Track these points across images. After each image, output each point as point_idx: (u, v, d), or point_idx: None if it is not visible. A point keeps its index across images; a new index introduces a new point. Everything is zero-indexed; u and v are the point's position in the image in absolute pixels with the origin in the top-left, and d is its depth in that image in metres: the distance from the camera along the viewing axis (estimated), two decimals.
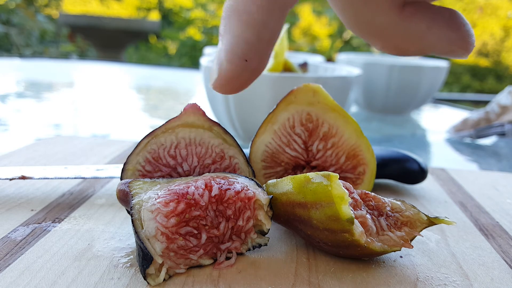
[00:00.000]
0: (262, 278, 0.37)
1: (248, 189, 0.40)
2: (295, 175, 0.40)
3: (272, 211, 0.41)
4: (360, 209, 0.40)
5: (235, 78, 0.34)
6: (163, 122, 0.47)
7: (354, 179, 0.51)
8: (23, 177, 0.51)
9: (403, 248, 0.41)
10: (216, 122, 0.46)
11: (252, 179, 0.42)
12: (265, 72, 0.83)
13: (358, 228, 0.37)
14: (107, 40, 5.50)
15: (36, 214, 0.47)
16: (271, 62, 0.86)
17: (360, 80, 1.26)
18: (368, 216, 0.39)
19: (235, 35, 0.32)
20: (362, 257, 0.40)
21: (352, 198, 0.40)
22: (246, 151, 0.54)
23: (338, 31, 6.47)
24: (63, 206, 0.49)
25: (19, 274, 0.35)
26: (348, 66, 1.05)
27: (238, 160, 0.46)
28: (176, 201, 0.37)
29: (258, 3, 0.32)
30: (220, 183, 0.40)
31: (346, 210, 0.36)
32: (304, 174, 0.39)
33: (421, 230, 0.40)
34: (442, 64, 1.27)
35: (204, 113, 0.46)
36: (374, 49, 6.64)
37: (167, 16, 7.78)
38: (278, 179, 0.41)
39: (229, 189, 0.39)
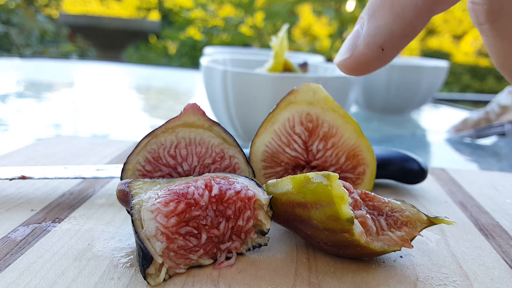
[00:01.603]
0: (262, 278, 0.37)
1: (248, 189, 0.40)
2: (295, 175, 0.40)
3: (272, 211, 0.41)
4: (360, 209, 0.40)
5: (366, 64, 0.35)
6: (163, 122, 0.47)
7: (354, 179, 0.51)
8: (23, 177, 0.51)
9: (403, 248, 0.41)
10: (216, 122, 0.46)
11: (252, 179, 0.42)
12: (265, 72, 0.83)
13: (358, 228, 0.37)
14: (107, 40, 5.50)
15: (36, 214, 0.47)
16: (271, 62, 0.86)
17: (360, 80, 1.26)
18: (368, 216, 0.39)
19: (382, 24, 0.33)
20: (362, 257, 0.40)
21: (352, 198, 0.40)
22: (246, 151, 0.54)
23: (338, 31, 6.46)
24: (63, 206, 0.49)
25: (19, 274, 0.35)
26: None
27: (238, 160, 0.46)
28: (176, 201, 0.37)
29: (414, 2, 0.32)
30: (220, 183, 0.40)
31: (346, 210, 0.36)
32: (304, 174, 0.39)
33: (421, 230, 0.40)
34: (442, 64, 1.26)
35: (204, 113, 0.46)
36: None
37: (167, 16, 7.78)
38: (278, 179, 0.41)
39: (229, 189, 0.39)
